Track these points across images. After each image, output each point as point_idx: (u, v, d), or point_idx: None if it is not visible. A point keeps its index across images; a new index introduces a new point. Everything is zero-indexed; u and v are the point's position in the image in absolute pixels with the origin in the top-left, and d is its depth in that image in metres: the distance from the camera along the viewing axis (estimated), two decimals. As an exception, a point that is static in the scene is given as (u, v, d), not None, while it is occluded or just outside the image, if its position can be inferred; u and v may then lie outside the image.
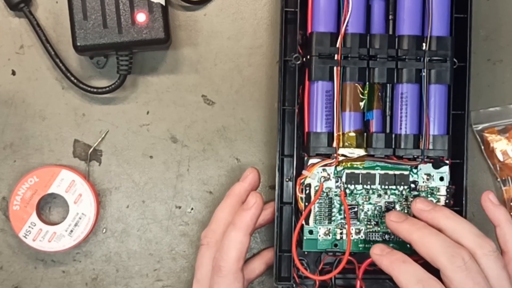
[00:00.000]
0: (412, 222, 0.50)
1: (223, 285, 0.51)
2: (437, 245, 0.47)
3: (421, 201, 0.51)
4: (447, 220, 0.49)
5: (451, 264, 0.47)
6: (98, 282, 0.59)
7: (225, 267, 0.50)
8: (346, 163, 0.53)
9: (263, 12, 0.59)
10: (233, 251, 0.51)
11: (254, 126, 0.59)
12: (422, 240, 0.48)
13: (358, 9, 0.52)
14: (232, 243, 0.51)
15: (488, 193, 0.52)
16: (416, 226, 0.49)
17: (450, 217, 0.49)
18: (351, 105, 0.53)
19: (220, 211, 0.54)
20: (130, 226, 0.59)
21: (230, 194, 0.54)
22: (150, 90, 0.59)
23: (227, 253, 0.51)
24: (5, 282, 0.58)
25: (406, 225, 0.50)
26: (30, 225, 0.57)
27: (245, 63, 0.59)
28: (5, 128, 0.58)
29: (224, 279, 0.51)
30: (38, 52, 0.58)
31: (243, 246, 0.51)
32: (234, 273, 0.51)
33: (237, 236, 0.51)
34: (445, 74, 0.53)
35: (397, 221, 0.50)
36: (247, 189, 0.54)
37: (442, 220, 0.49)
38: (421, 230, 0.49)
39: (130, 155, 0.59)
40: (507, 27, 0.60)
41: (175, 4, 0.58)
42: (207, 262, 0.52)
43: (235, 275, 0.51)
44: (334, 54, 0.52)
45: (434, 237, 0.48)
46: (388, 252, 0.50)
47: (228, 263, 0.50)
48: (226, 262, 0.50)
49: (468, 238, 0.48)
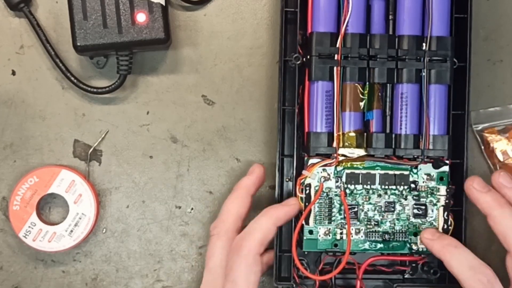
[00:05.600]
0: (496, 197, 0.50)
1: (243, 265, 0.49)
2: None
3: (505, 176, 0.51)
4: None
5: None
6: (98, 282, 0.59)
7: (246, 247, 0.49)
8: (346, 163, 0.53)
9: (263, 12, 0.59)
10: (259, 233, 0.50)
11: (254, 126, 0.59)
12: (503, 219, 0.48)
13: (358, 9, 0.52)
14: (259, 226, 0.50)
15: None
16: (499, 202, 0.49)
17: None
18: (351, 105, 0.53)
19: (229, 203, 0.53)
20: (130, 226, 0.59)
21: (238, 187, 0.54)
22: (150, 90, 0.59)
23: (253, 234, 0.50)
24: (5, 282, 0.58)
25: (490, 198, 0.50)
26: (30, 225, 0.57)
27: (245, 63, 0.59)
28: (5, 128, 0.58)
29: (244, 258, 0.49)
30: (38, 52, 0.58)
31: (269, 233, 0.50)
32: (254, 254, 0.49)
33: (266, 222, 0.50)
34: (445, 74, 0.53)
35: (481, 191, 0.50)
36: (254, 183, 0.54)
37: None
38: (504, 208, 0.49)
39: (130, 155, 0.59)
40: (507, 27, 0.60)
41: (175, 4, 0.58)
42: (219, 251, 0.51)
43: (256, 257, 0.49)
44: (334, 54, 0.52)
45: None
46: (439, 236, 0.50)
47: (251, 243, 0.49)
48: (249, 241, 0.49)
49: None
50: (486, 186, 0.50)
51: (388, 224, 0.53)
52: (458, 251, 0.49)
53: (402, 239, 0.53)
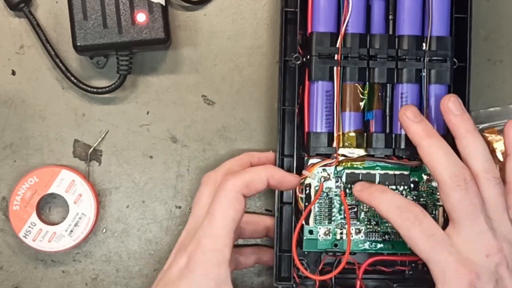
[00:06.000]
0: (426, 127, 0.49)
1: (223, 199, 0.48)
2: (443, 159, 0.47)
3: (454, 102, 0.49)
4: (467, 133, 0.48)
5: (451, 182, 0.47)
6: (98, 282, 0.59)
7: (231, 182, 0.48)
8: (346, 163, 0.53)
9: (263, 12, 0.59)
10: (248, 175, 0.48)
11: (254, 126, 0.59)
12: (430, 149, 0.48)
13: (358, 9, 0.52)
14: (251, 170, 0.49)
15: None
16: (429, 132, 0.48)
17: (471, 132, 0.49)
18: (351, 105, 0.53)
19: (228, 161, 0.54)
20: (130, 226, 0.59)
21: (244, 153, 0.55)
22: (150, 90, 0.59)
23: (242, 174, 0.48)
24: (5, 282, 0.58)
25: (420, 128, 0.49)
26: (30, 225, 0.57)
27: (245, 63, 0.59)
28: (5, 128, 0.58)
29: (226, 192, 0.48)
30: (38, 52, 0.58)
31: (259, 180, 0.49)
32: (237, 191, 0.48)
33: (260, 170, 0.49)
34: (445, 74, 0.53)
35: (412, 120, 0.49)
36: (259, 157, 0.54)
37: (462, 132, 0.49)
38: (432, 138, 0.48)
39: (130, 155, 0.59)
40: (507, 27, 0.60)
41: (175, 4, 0.58)
42: (205, 198, 0.51)
43: (238, 195, 0.48)
44: (334, 54, 0.52)
45: (443, 150, 0.48)
46: (368, 186, 0.50)
47: (237, 180, 0.48)
48: (235, 179, 0.48)
49: (477, 160, 0.48)
50: (419, 115, 0.49)
51: (388, 224, 0.53)
52: (385, 194, 0.49)
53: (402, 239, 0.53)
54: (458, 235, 0.47)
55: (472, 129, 0.49)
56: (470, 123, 0.49)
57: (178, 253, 0.49)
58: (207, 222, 0.48)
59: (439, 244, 0.47)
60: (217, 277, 0.47)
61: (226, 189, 0.48)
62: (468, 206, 0.47)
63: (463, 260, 0.46)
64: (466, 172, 0.47)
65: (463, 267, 0.46)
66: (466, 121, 0.49)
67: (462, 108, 0.49)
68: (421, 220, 0.47)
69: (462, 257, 0.46)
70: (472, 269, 0.46)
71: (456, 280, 0.46)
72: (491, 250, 0.47)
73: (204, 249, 0.47)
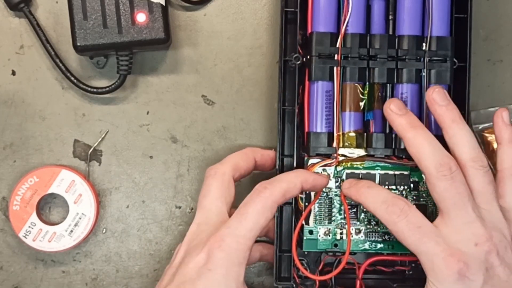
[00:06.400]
0: (410, 119, 0.49)
1: (260, 204, 0.47)
2: (428, 149, 0.47)
3: (439, 93, 0.49)
4: (453, 123, 0.49)
5: (436, 172, 0.47)
6: (98, 282, 0.59)
7: (269, 190, 0.48)
8: (346, 163, 0.53)
9: (263, 12, 0.59)
10: (284, 184, 0.48)
11: (254, 126, 0.59)
12: (415, 141, 0.48)
13: (358, 9, 0.52)
14: (286, 178, 0.49)
15: (503, 110, 0.51)
16: (413, 124, 0.49)
17: (457, 121, 0.49)
18: (351, 105, 0.53)
19: (233, 155, 0.53)
20: (130, 226, 0.59)
21: (248, 148, 0.54)
22: (150, 90, 0.59)
23: (279, 181, 0.48)
24: (5, 282, 0.58)
25: (404, 120, 0.49)
26: (30, 225, 0.57)
27: (245, 63, 0.59)
28: (5, 128, 0.58)
29: (263, 199, 0.47)
30: (38, 52, 0.58)
31: (294, 188, 0.49)
32: (274, 201, 0.48)
33: (294, 177, 0.49)
34: (445, 74, 0.53)
35: (397, 113, 0.49)
36: (263, 155, 0.54)
37: (448, 122, 0.49)
38: (417, 130, 0.48)
39: (130, 155, 0.59)
40: (507, 27, 0.60)
41: (175, 4, 0.58)
42: (214, 191, 0.50)
43: (274, 204, 0.48)
44: (334, 54, 0.52)
45: (427, 141, 0.48)
46: (355, 183, 0.51)
47: (275, 189, 0.48)
48: (273, 187, 0.48)
49: (464, 148, 0.48)
50: (403, 108, 0.49)
51: (388, 224, 0.53)
52: (371, 190, 0.49)
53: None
54: (446, 226, 0.47)
55: (457, 118, 0.49)
56: (455, 112, 0.49)
57: (194, 249, 0.48)
58: (236, 221, 0.47)
59: (426, 235, 0.47)
60: (238, 278, 0.46)
61: (263, 196, 0.48)
62: (455, 195, 0.47)
63: (451, 250, 0.46)
64: (451, 161, 0.47)
65: (451, 257, 0.46)
66: (452, 111, 0.49)
67: (447, 99, 0.49)
68: (407, 213, 0.47)
69: (450, 247, 0.46)
70: (460, 258, 0.46)
71: (445, 270, 0.46)
72: (480, 239, 0.46)
73: (227, 249, 0.46)
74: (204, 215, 0.50)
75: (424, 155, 0.48)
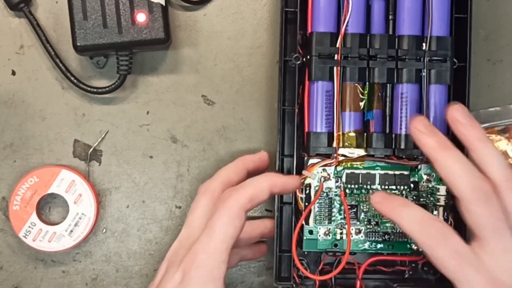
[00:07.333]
0: (439, 139, 0.47)
1: (225, 215, 0.46)
2: (461, 172, 0.45)
3: (460, 111, 0.47)
4: (480, 143, 0.46)
5: (471, 196, 0.45)
6: (98, 282, 0.59)
7: (234, 198, 0.46)
8: (346, 163, 0.53)
9: (263, 12, 0.59)
10: (250, 189, 0.47)
11: (254, 126, 0.59)
12: (446, 163, 0.46)
13: (358, 9, 0.52)
14: (252, 183, 0.47)
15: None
16: (444, 145, 0.46)
17: (483, 140, 0.46)
18: (351, 105, 0.53)
19: (224, 169, 0.52)
20: (130, 226, 0.59)
21: (239, 159, 0.54)
22: (150, 90, 0.59)
23: (244, 188, 0.47)
24: (5, 282, 0.58)
25: (433, 141, 0.47)
26: (30, 225, 0.57)
27: (245, 63, 0.59)
28: (5, 128, 0.58)
29: (228, 209, 0.46)
30: (38, 52, 0.58)
31: (262, 193, 0.47)
32: (240, 208, 0.46)
33: (261, 181, 0.47)
34: (445, 74, 0.53)
35: (425, 132, 0.47)
36: (254, 160, 0.53)
37: (475, 142, 0.46)
38: (448, 151, 0.46)
39: (130, 155, 0.59)
40: (507, 27, 0.60)
41: (175, 4, 0.58)
42: (201, 208, 0.50)
43: (240, 211, 0.46)
44: (334, 54, 0.52)
45: (460, 163, 0.45)
46: (388, 198, 0.48)
47: (239, 196, 0.46)
48: (238, 194, 0.46)
49: (496, 168, 0.45)
50: (431, 127, 0.47)
51: (388, 224, 0.53)
52: (406, 209, 0.46)
53: (402, 239, 0.53)
54: (485, 252, 0.45)
55: (483, 137, 0.47)
56: (480, 131, 0.47)
57: (172, 267, 0.47)
58: (206, 237, 0.46)
59: (465, 262, 0.44)
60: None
61: (227, 206, 0.46)
62: (493, 221, 0.45)
63: (493, 280, 0.44)
64: (485, 184, 0.45)
65: (493, 287, 0.44)
66: (476, 129, 0.47)
67: (469, 116, 0.47)
68: (446, 237, 0.45)
69: (492, 276, 0.44)
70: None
71: None
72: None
73: (200, 265, 0.45)
74: (188, 231, 0.50)
75: (458, 178, 0.45)
